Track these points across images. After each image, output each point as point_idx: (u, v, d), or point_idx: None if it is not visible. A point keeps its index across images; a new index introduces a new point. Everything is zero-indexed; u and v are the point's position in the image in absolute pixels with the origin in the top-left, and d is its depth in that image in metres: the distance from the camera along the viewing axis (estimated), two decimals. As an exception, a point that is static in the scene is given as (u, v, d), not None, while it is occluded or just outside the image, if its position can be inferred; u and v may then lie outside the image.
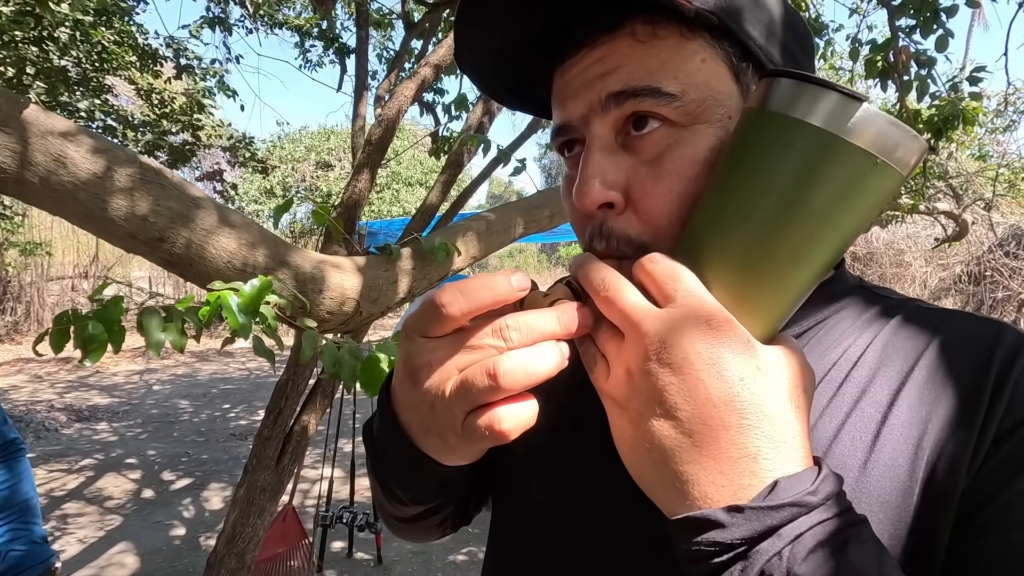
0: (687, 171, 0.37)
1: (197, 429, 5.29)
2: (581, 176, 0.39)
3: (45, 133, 0.88)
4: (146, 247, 0.98)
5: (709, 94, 0.38)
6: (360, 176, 2.14)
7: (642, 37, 0.38)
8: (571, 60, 0.40)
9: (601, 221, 0.40)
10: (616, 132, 0.39)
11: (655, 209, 0.38)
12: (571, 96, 0.40)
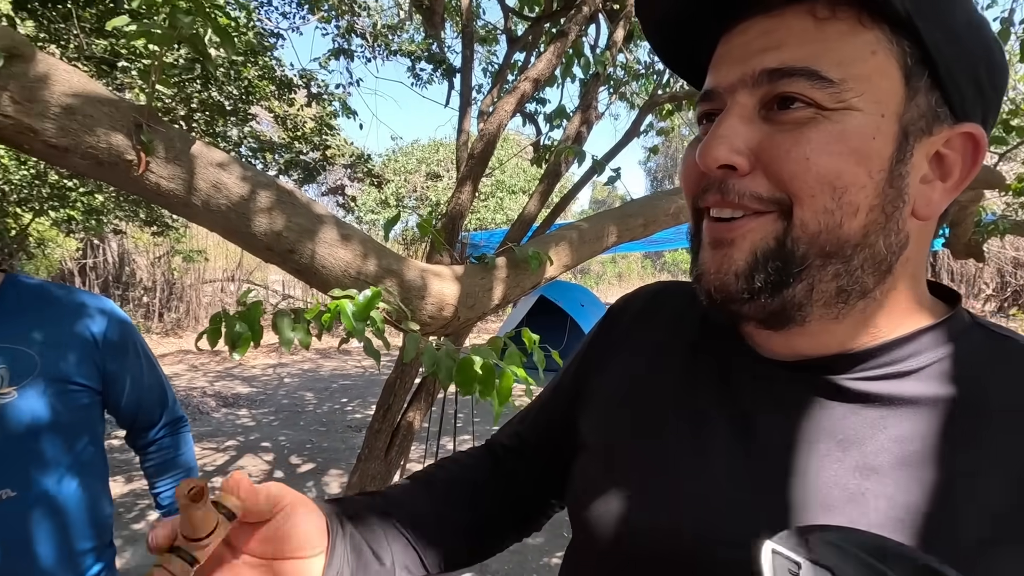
0: (827, 146, 0.36)
1: (320, 419, 5.82)
2: (711, 134, 0.39)
3: (207, 164, 1.06)
4: (279, 258, 1.14)
5: (869, 88, 0.36)
6: (463, 188, 2.27)
7: (820, 14, 0.37)
8: (740, 27, 0.40)
9: (720, 179, 0.40)
10: (759, 106, 0.39)
11: (786, 172, 0.37)
12: (727, 63, 0.40)
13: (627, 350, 0.55)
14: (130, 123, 0.99)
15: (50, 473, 0.93)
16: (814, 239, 0.38)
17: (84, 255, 9.67)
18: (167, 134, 1.03)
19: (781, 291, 0.39)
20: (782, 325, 0.42)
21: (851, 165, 0.36)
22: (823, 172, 0.36)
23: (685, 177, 0.44)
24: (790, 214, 0.38)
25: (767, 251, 0.39)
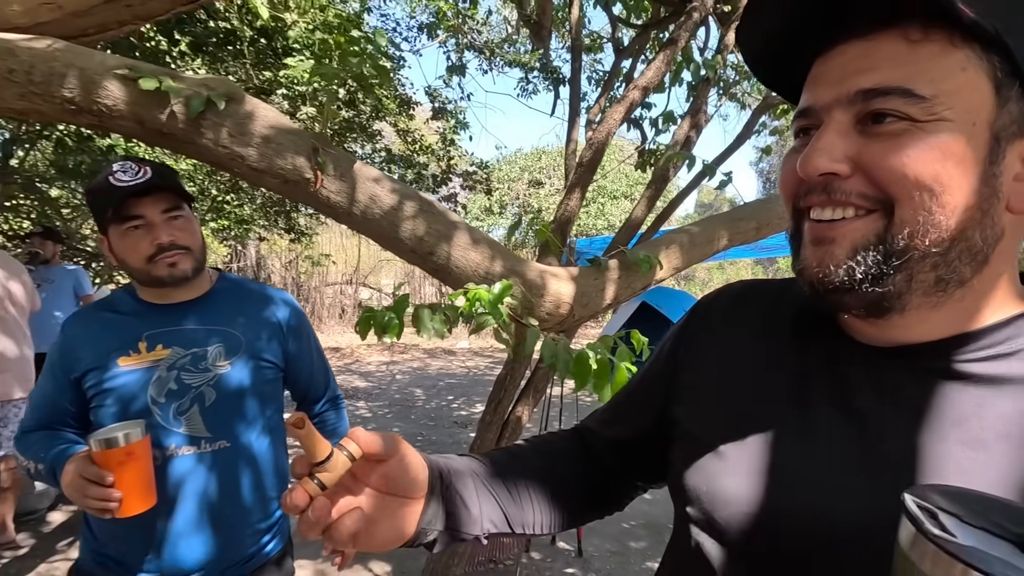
0: (922, 154, 0.40)
1: (428, 415, 6.19)
2: (811, 147, 0.43)
3: (365, 179, 1.25)
4: (420, 259, 1.31)
5: (959, 102, 0.39)
6: (572, 195, 2.37)
7: (913, 36, 0.40)
8: (836, 49, 0.43)
9: (823, 183, 0.43)
10: (855, 121, 0.42)
11: (886, 178, 0.41)
12: (823, 83, 0.44)
13: (720, 343, 0.58)
14: (309, 148, 1.20)
15: (251, 430, 1.17)
16: (913, 235, 0.41)
17: (231, 259, 11.03)
18: (335, 156, 1.24)
19: (881, 281, 0.43)
20: (882, 314, 0.44)
21: (946, 169, 0.40)
22: (920, 177, 0.40)
23: (784, 183, 0.48)
24: (891, 212, 0.42)
25: (867, 246, 0.42)
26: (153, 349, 1.12)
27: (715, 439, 0.52)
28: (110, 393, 1.10)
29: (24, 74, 1.02)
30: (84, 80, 1.04)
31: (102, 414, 1.11)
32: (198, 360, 1.14)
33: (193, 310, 1.17)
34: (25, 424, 1.17)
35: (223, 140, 1.14)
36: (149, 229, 1.08)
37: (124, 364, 1.10)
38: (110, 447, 0.91)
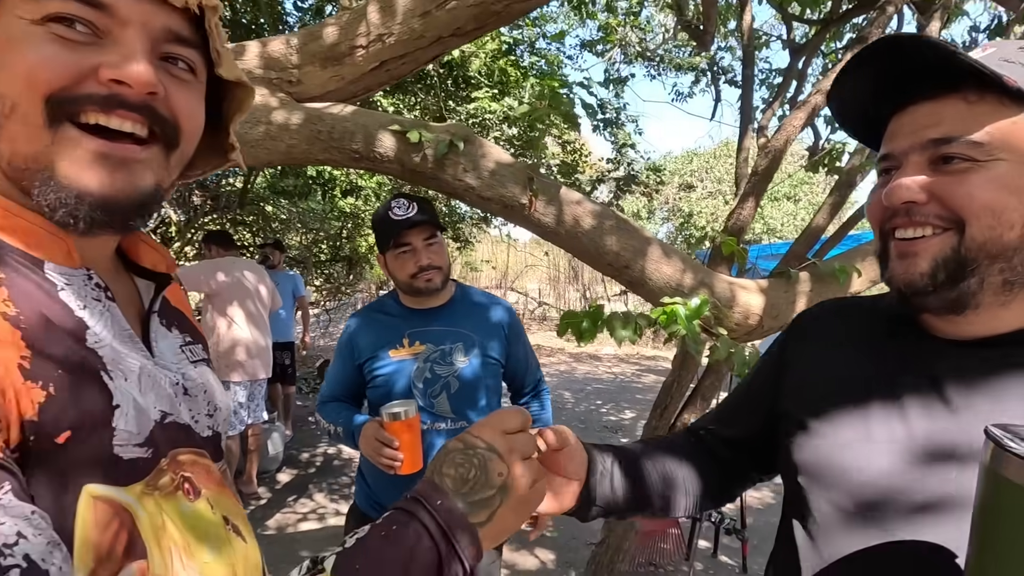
0: (984, 185, 0.52)
1: (578, 417, 6.35)
2: (894, 181, 0.56)
3: (569, 203, 1.43)
4: (615, 272, 1.45)
5: (1011, 146, 0.51)
6: (745, 204, 2.36)
7: (971, 99, 0.53)
8: (910, 108, 0.57)
9: (906, 209, 0.56)
10: (928, 163, 0.55)
11: (956, 205, 0.53)
12: (901, 135, 0.57)
13: (821, 346, 0.70)
14: (524, 177, 1.42)
15: (481, 415, 1.43)
16: (981, 247, 0.53)
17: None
18: (546, 184, 1.44)
19: (958, 284, 0.54)
20: (959, 311, 0.55)
21: (1004, 196, 0.51)
22: (984, 203, 0.52)
23: (871, 212, 0.61)
24: (963, 230, 0.53)
25: (945, 257, 0.54)
26: (413, 344, 1.43)
27: (822, 423, 0.64)
28: (382, 377, 1.42)
29: (327, 133, 1.36)
30: (367, 135, 1.35)
31: (375, 393, 1.44)
32: (445, 355, 1.43)
33: (440, 315, 1.47)
34: (323, 395, 1.53)
35: (459, 175, 1.40)
36: (414, 253, 1.39)
37: (393, 355, 1.42)
38: (395, 419, 1.19)
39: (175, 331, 0.58)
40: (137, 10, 0.43)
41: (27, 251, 0.44)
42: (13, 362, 0.38)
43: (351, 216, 7.38)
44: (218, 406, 0.58)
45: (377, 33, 1.46)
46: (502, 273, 14.88)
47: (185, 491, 0.48)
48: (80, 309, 0.45)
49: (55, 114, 0.42)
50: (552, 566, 3.00)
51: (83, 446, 0.40)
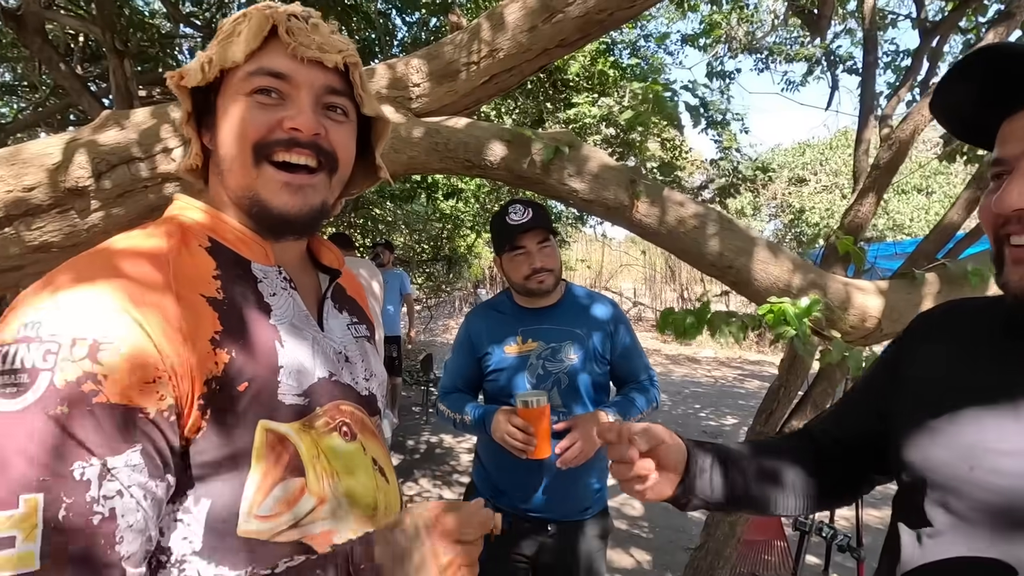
0: None
1: (675, 420, 6.19)
2: (1006, 188, 0.56)
3: (671, 203, 1.45)
4: (719, 272, 1.45)
5: None
6: (864, 200, 2.22)
7: None
8: (1019, 114, 0.58)
9: (1019, 215, 0.56)
10: None
11: None
12: (1012, 140, 0.58)
13: (936, 347, 0.70)
14: (627, 180, 1.46)
15: (589, 409, 1.50)
16: None
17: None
18: (648, 186, 1.47)
19: None
20: None
21: None
22: None
23: (983, 217, 0.62)
24: None
25: None
26: (526, 342, 1.52)
27: (940, 426, 0.64)
28: (500, 372, 1.52)
29: (443, 145, 1.49)
30: (478, 145, 1.46)
31: (492, 386, 1.55)
32: (556, 352, 1.51)
33: (551, 314, 1.55)
34: (444, 387, 1.65)
35: (564, 179, 1.47)
36: (528, 256, 1.48)
37: (508, 351, 1.53)
38: (528, 407, 1.30)
39: (345, 313, 0.75)
40: (305, 75, 0.62)
41: (240, 254, 0.64)
42: (206, 337, 0.54)
43: (451, 218, 7.72)
44: (374, 373, 0.75)
45: (488, 49, 1.57)
46: (596, 272, 14.78)
47: (343, 433, 0.63)
48: (270, 296, 0.63)
49: (257, 156, 0.61)
50: (648, 567, 3.00)
51: (257, 393, 0.56)
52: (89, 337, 0.46)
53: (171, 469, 0.51)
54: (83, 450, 0.45)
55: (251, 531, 0.54)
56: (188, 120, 0.65)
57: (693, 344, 11.44)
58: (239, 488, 0.54)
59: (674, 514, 3.73)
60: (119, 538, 0.46)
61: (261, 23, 0.60)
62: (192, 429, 0.52)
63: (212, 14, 4.76)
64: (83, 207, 1.28)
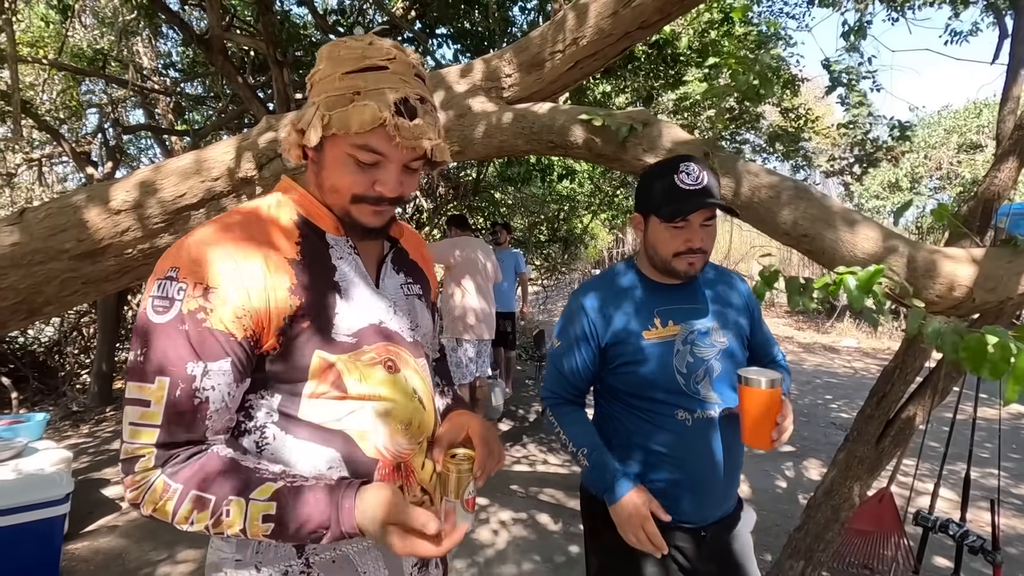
0: None
1: (801, 410, 5.82)
2: None
3: (746, 174, 1.49)
4: (794, 241, 1.47)
5: None
6: (1003, 165, 2.02)
7: None
8: None
9: None
10: None
11: None
12: None
13: None
14: (701, 153, 1.52)
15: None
16: None
17: (613, 245, 12.55)
18: (722, 157, 1.52)
19: None
20: None
21: None
22: None
23: None
24: None
25: None
26: (666, 324, 1.26)
27: None
28: (640, 363, 1.24)
29: (529, 128, 1.67)
30: (560, 127, 1.62)
31: (627, 381, 1.27)
32: (703, 336, 1.26)
33: (688, 291, 1.30)
34: (552, 390, 1.35)
35: (639, 155, 1.57)
36: (687, 231, 1.21)
37: (648, 337, 1.25)
38: (760, 386, 1.10)
39: (401, 274, 0.93)
40: (398, 155, 0.78)
41: (317, 225, 0.84)
42: (285, 287, 0.75)
43: (567, 199, 7.86)
44: (419, 324, 0.92)
45: (572, 37, 1.71)
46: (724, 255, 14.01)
47: (387, 366, 0.83)
48: (337, 259, 0.83)
49: (354, 200, 0.81)
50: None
51: (316, 330, 0.77)
52: (204, 282, 0.70)
53: (248, 375, 0.75)
54: (194, 355, 0.70)
55: (308, 417, 0.77)
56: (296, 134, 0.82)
57: (832, 332, 10.46)
58: (301, 388, 0.77)
59: (784, 500, 3.61)
60: (209, 416, 0.71)
61: (375, 117, 0.73)
62: (270, 348, 0.75)
63: (353, 21, 5.34)
64: (250, 192, 1.66)
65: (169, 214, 1.59)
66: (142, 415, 0.69)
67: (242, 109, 5.51)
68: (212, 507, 0.68)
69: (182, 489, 0.68)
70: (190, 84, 6.61)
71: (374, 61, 0.76)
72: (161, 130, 6.44)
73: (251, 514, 0.68)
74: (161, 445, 0.69)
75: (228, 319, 0.71)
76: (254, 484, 0.69)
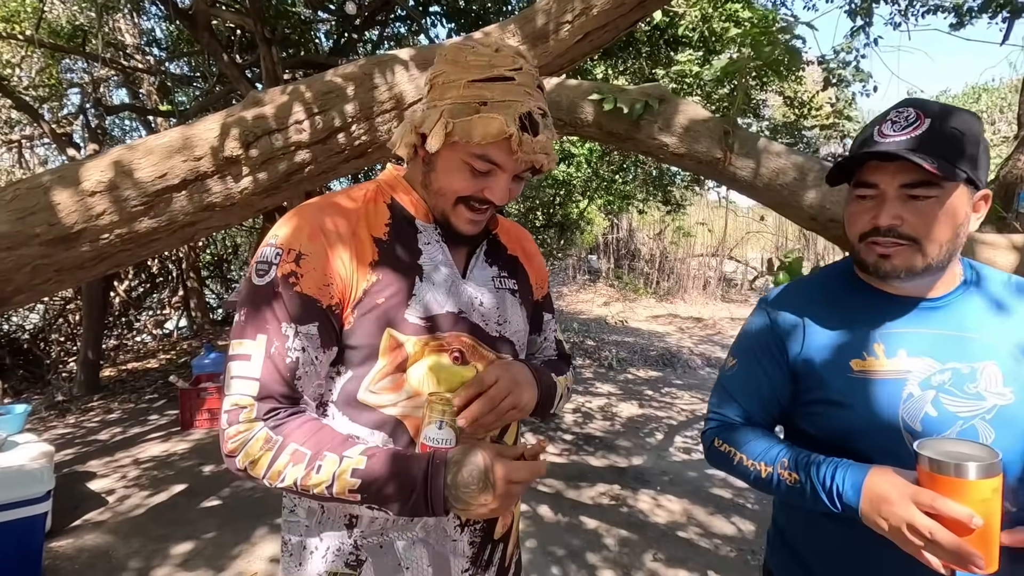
0: None
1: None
2: None
3: (768, 154, 1.40)
4: (820, 226, 1.38)
5: None
6: (1026, 148, 1.93)
7: None
8: None
9: None
10: None
11: None
12: None
13: None
14: (719, 132, 1.42)
15: None
16: None
17: (609, 231, 12.45)
18: (742, 136, 1.42)
19: None
20: None
21: None
22: None
23: None
24: None
25: None
26: (894, 355, 0.83)
27: None
28: (843, 405, 0.83)
29: (536, 105, 1.56)
30: (570, 104, 1.51)
31: (826, 425, 0.86)
32: (963, 380, 0.81)
33: (943, 309, 0.85)
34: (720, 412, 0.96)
35: (654, 134, 1.47)
36: (877, 203, 0.81)
37: (859, 369, 0.83)
38: (951, 473, 0.65)
39: (495, 267, 0.90)
40: (512, 167, 0.78)
41: (409, 211, 0.84)
42: (367, 262, 0.77)
43: (563, 184, 7.75)
44: (507, 319, 0.88)
45: (583, 7, 1.60)
46: (719, 240, 13.97)
47: (453, 357, 0.81)
48: (424, 244, 0.83)
49: (457, 202, 0.80)
50: (751, 536, 2.93)
51: (389, 308, 0.77)
52: (297, 249, 0.75)
53: (336, 342, 0.77)
54: (288, 315, 0.73)
55: (365, 399, 0.78)
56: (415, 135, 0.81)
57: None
58: (368, 369, 0.78)
59: (785, 489, 3.57)
60: (299, 375, 0.75)
61: (500, 131, 0.73)
62: (347, 321, 0.76)
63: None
64: (236, 173, 1.55)
65: (149, 196, 1.48)
66: (244, 368, 0.73)
67: (229, 89, 5.34)
68: (308, 460, 0.71)
69: (282, 441, 0.71)
70: (175, 63, 6.40)
71: (501, 71, 0.76)
72: (146, 111, 6.24)
73: (343, 469, 0.70)
74: (261, 399, 0.73)
75: (317, 285, 0.75)
76: (349, 443, 0.73)
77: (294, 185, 1.66)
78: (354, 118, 1.63)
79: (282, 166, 1.58)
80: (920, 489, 0.68)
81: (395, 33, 6.04)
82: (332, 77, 1.64)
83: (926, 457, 0.67)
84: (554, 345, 1.03)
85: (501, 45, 0.78)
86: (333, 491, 0.71)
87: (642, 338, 8.48)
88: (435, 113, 0.76)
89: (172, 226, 1.56)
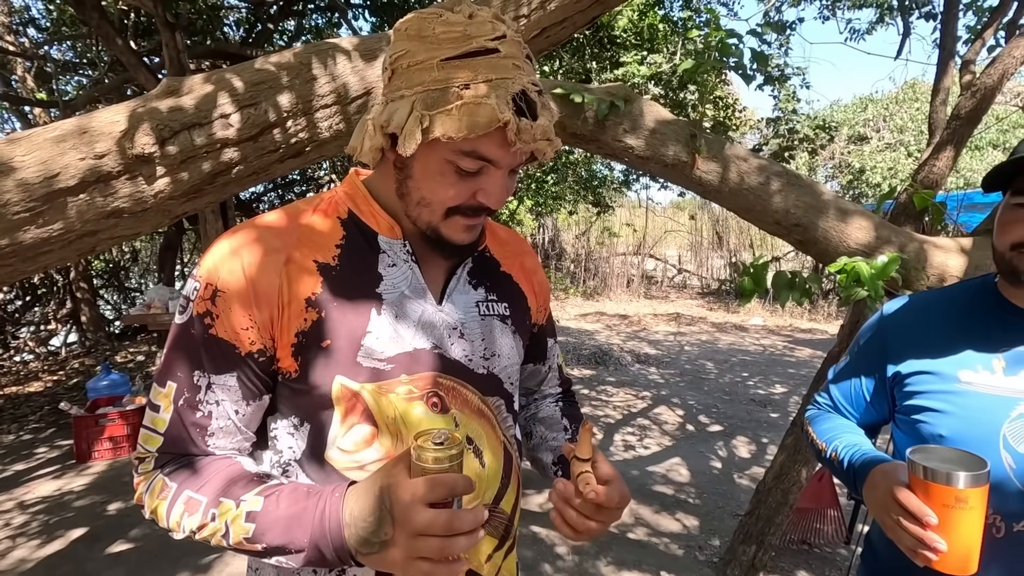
0: None
1: (723, 388, 6.10)
2: None
3: (734, 159, 1.38)
4: (784, 231, 1.39)
5: None
6: (941, 155, 2.07)
7: None
8: None
9: None
10: None
11: None
12: None
13: None
14: (686, 135, 1.39)
15: None
16: None
17: (538, 232, 12.55)
18: (709, 140, 1.40)
19: None
20: None
21: None
22: None
23: None
24: None
25: None
26: (1015, 374, 0.80)
27: None
28: (941, 413, 0.82)
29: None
30: (531, 102, 1.42)
31: (916, 432, 0.85)
32: None
33: None
34: (821, 401, 1.03)
35: (619, 136, 1.41)
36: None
37: (967, 380, 0.81)
38: (936, 481, 0.68)
39: (480, 290, 0.74)
40: (509, 160, 0.63)
41: (370, 226, 0.69)
42: (303, 296, 0.63)
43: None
44: (496, 352, 0.72)
45: (539, 1, 1.51)
46: (640, 238, 14.49)
47: (431, 404, 0.65)
48: (388, 267, 0.67)
49: (448, 214, 0.65)
50: (695, 531, 3.00)
51: (336, 351, 0.63)
52: (215, 285, 0.62)
53: (263, 393, 0.65)
54: (201, 363, 0.62)
55: (332, 458, 0.64)
56: (382, 137, 0.64)
57: (741, 312, 11.16)
58: (327, 423, 0.64)
59: (722, 480, 3.70)
60: (212, 431, 0.64)
61: (493, 119, 0.57)
62: (289, 369, 0.63)
63: (255, -17, 4.77)
64: (149, 173, 1.32)
65: (36, 200, 1.23)
66: (152, 420, 0.64)
67: (125, 78, 4.79)
68: (203, 508, 0.60)
69: (176, 488, 0.62)
70: (56, 47, 5.67)
71: (481, 43, 0.59)
72: (20, 99, 5.48)
73: (237, 514, 0.59)
74: (162, 454, 0.64)
75: (234, 328, 0.62)
76: (253, 484, 0.61)
77: (220, 188, 1.46)
78: (290, 112, 1.45)
79: (205, 166, 1.37)
80: (900, 483, 0.73)
81: (313, 25, 5.70)
82: (264, 65, 1.45)
83: (909, 457, 0.73)
84: (558, 375, 0.89)
85: (475, 10, 0.60)
86: (229, 541, 0.58)
87: (573, 336, 8.59)
88: (404, 106, 0.59)
89: (67, 236, 1.31)
